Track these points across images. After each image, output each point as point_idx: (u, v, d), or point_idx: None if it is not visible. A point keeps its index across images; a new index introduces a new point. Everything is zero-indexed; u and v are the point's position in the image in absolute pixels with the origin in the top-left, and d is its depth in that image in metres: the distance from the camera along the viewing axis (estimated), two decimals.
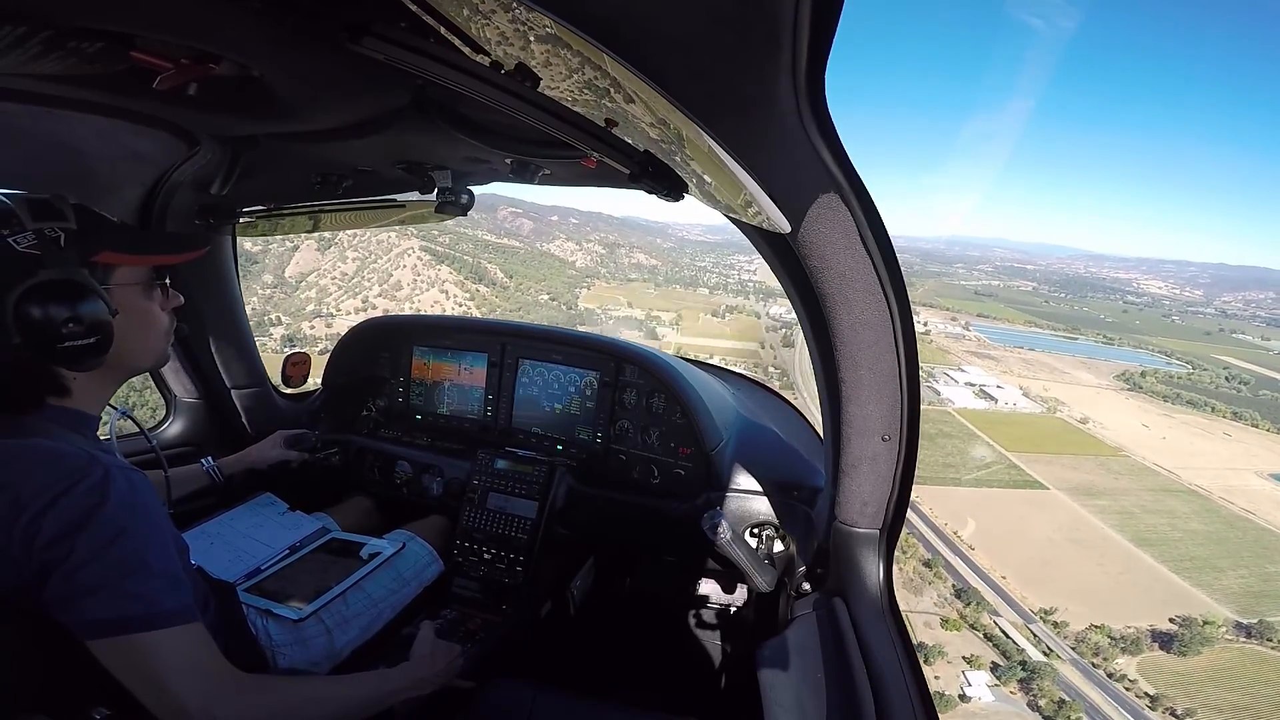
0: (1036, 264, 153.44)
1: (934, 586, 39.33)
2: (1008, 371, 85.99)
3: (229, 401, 2.34)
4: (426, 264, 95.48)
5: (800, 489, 1.89)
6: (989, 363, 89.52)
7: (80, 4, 0.70)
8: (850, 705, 1.12)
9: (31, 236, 0.91)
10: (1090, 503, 52.19)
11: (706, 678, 2.39)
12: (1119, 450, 63.63)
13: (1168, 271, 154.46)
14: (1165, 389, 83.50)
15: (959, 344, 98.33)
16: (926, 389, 70.37)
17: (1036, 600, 39.16)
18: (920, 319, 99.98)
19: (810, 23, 0.61)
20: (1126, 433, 68.15)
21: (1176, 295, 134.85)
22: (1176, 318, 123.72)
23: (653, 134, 0.68)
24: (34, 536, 0.85)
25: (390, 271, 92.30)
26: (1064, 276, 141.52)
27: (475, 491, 2.16)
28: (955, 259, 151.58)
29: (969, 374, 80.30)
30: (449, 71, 0.77)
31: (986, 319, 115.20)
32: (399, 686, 1.25)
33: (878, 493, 1.32)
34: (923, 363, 43.54)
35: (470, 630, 1.86)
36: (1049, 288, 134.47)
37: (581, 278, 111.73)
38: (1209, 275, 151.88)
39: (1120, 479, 57.49)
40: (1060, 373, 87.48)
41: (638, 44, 0.61)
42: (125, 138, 1.38)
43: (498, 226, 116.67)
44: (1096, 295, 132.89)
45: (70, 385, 1.01)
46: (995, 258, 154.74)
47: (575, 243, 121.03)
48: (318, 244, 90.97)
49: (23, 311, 0.89)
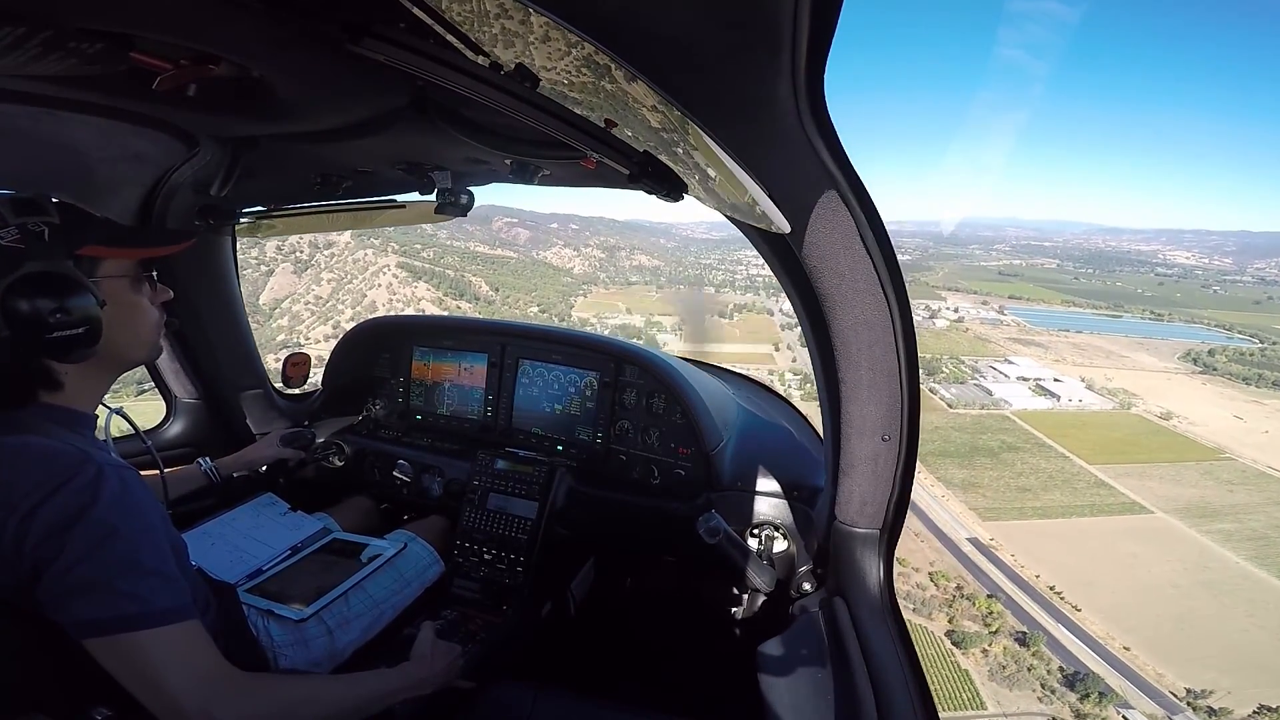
0: (1053, 241, 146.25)
1: (1035, 673, 28.53)
2: (1060, 360, 74.81)
3: (229, 402, 2.34)
4: (403, 281, 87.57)
5: (800, 489, 1.89)
6: (1036, 351, 78.87)
7: (80, 4, 0.70)
8: (851, 705, 1.12)
9: (15, 231, 0.92)
10: (1210, 527, 40.64)
11: (707, 678, 2.39)
12: (1220, 452, 51.95)
13: (1189, 241, 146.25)
14: (1241, 369, 71.81)
15: (998, 331, 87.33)
16: (975, 388, 63.22)
17: (1178, 677, 28.41)
18: (949, 304, 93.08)
19: (810, 24, 0.62)
20: (1220, 427, 56.50)
21: (1206, 265, 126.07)
22: (1217, 288, 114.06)
23: (654, 121, 0.67)
24: (26, 535, 0.85)
25: (364, 292, 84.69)
26: (1085, 252, 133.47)
27: (475, 492, 2.16)
28: (969, 240, 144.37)
29: (1019, 366, 70.32)
30: (449, 72, 0.77)
31: (1020, 301, 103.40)
32: (399, 686, 1.25)
33: (878, 493, 1.32)
34: (963, 355, 37.56)
35: (471, 631, 1.86)
36: (1074, 264, 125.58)
37: (578, 285, 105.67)
38: (1234, 243, 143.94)
39: (1235, 491, 45.79)
40: (1118, 357, 76.91)
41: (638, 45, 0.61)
42: (125, 138, 1.38)
43: (492, 237, 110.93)
44: (1124, 269, 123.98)
45: (62, 380, 1.01)
46: (1010, 237, 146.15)
47: (573, 249, 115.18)
48: (294, 266, 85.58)
49: (9, 304, 0.90)
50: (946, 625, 31.83)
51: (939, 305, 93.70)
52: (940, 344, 78.58)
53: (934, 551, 37.98)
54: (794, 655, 1.39)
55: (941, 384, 64.44)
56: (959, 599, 33.39)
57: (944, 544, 38.50)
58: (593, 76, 0.60)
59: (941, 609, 32.82)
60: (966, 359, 72.09)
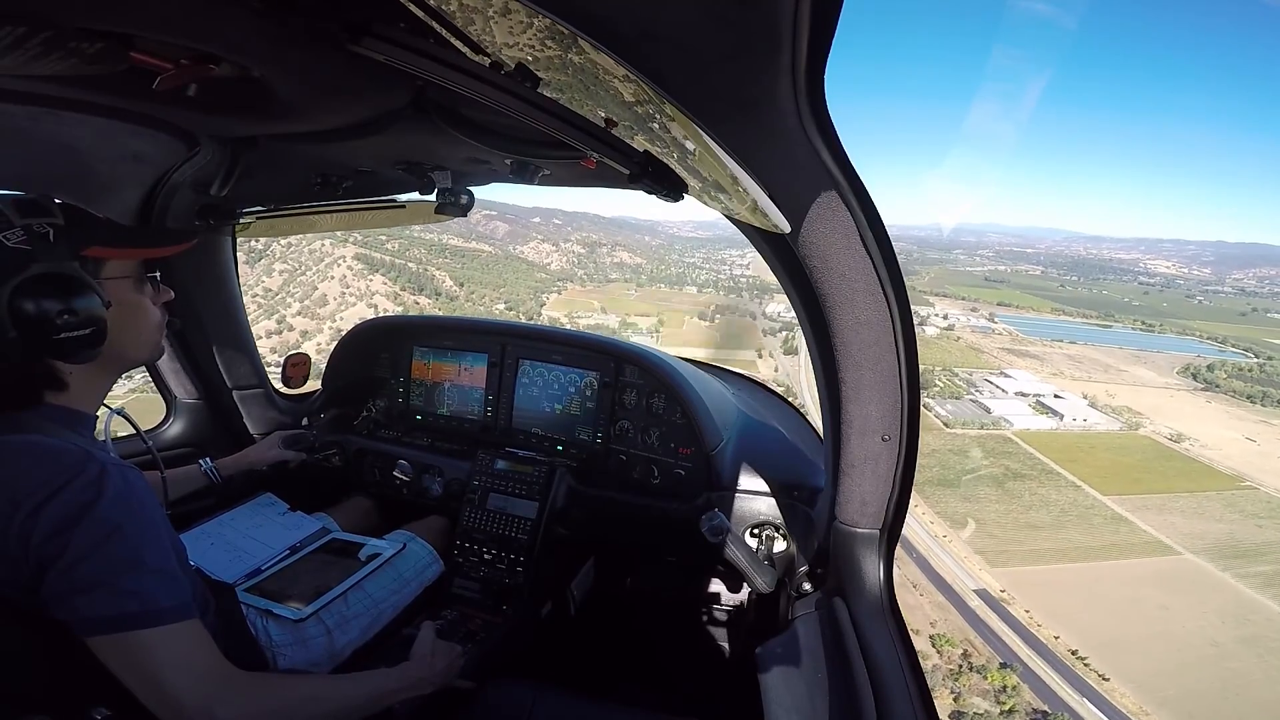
0: (1036, 247, 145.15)
1: None
2: (1058, 374, 71.08)
3: (229, 402, 2.34)
4: (358, 274, 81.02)
5: (800, 489, 1.89)
6: (1031, 363, 75.02)
7: (80, 4, 0.70)
8: (851, 705, 1.12)
9: (20, 233, 0.92)
10: (1245, 570, 35.90)
11: (707, 678, 2.39)
12: (1239, 479, 47.04)
13: (1168, 250, 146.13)
14: (1244, 386, 68.67)
15: (989, 340, 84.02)
16: (971, 404, 58.24)
17: None
18: (937, 310, 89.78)
19: (810, 24, 0.62)
20: (1234, 451, 51.96)
21: (1185, 274, 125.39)
22: (1201, 298, 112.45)
23: (626, 93, 0.66)
24: (30, 533, 0.85)
25: (315, 285, 78.37)
26: (1068, 259, 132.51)
27: (475, 492, 2.16)
28: (952, 245, 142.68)
29: (1017, 380, 65.63)
30: (449, 72, 0.77)
31: (1009, 308, 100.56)
32: (399, 686, 1.25)
33: (878, 493, 1.32)
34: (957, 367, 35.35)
35: (471, 630, 1.86)
36: (1058, 271, 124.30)
37: (553, 281, 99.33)
38: (1211, 253, 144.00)
39: (1265, 527, 40.93)
40: (1116, 371, 73.05)
41: (638, 44, 0.61)
42: (125, 139, 1.39)
43: (470, 230, 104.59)
44: (1108, 277, 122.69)
45: (67, 380, 1.02)
46: (992, 243, 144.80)
47: (552, 244, 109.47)
48: (246, 256, 77.11)
49: (16, 305, 0.90)
50: (951, 704, 26.63)
51: (927, 311, 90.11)
52: (931, 354, 73.65)
53: (936, 608, 32.42)
54: (793, 655, 1.39)
55: (936, 399, 59.07)
56: (966, 671, 28.39)
57: (947, 597, 33.13)
58: (559, 49, 0.59)
59: (945, 683, 27.67)
60: (960, 371, 67.83)
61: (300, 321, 71.08)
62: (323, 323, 71.63)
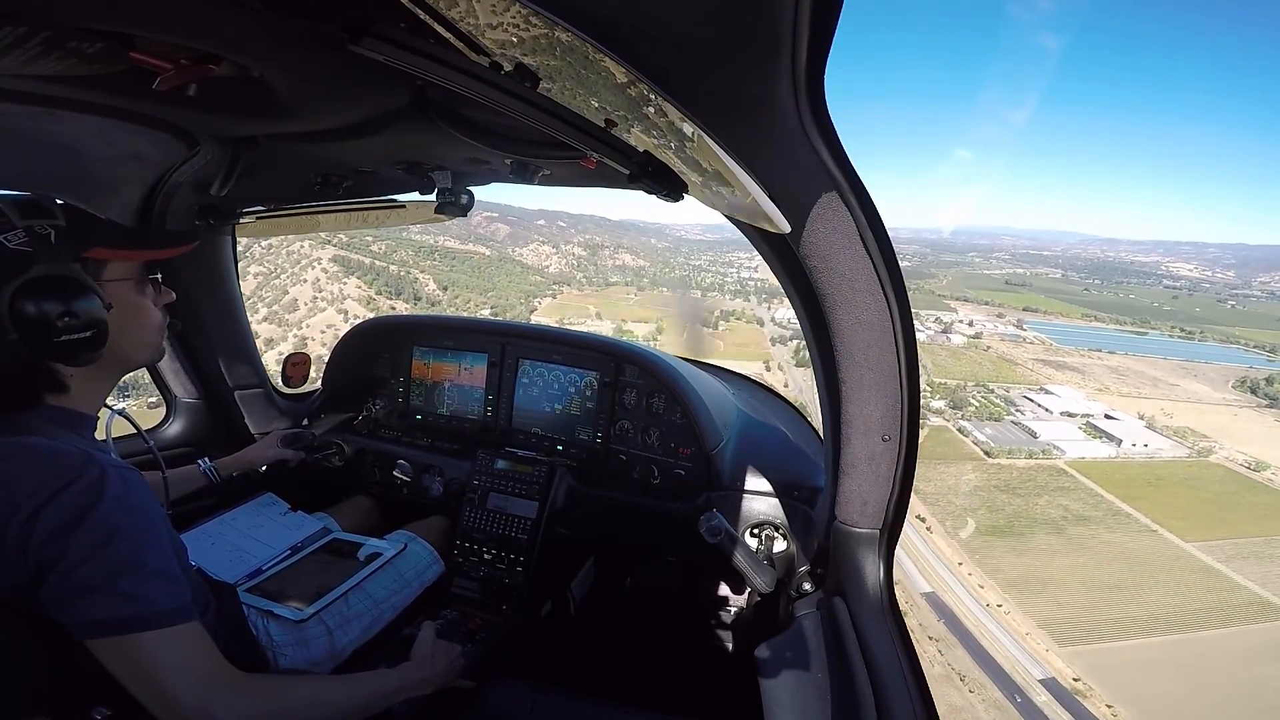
0: (1052, 250, 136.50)
1: None
2: (1104, 389, 59.08)
3: (229, 402, 2.34)
4: (332, 277, 73.14)
5: (800, 489, 1.89)
6: (1071, 376, 62.70)
7: (80, 4, 0.70)
8: (851, 705, 1.12)
9: (22, 234, 0.92)
10: None
11: (706, 678, 2.39)
12: None
13: (1187, 253, 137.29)
14: None
15: (1021, 350, 71.05)
16: (1014, 427, 47.03)
17: None
18: (961, 317, 79.46)
19: (810, 24, 0.62)
20: None
21: (1210, 278, 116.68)
22: (1233, 302, 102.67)
23: (619, 75, 0.65)
24: (29, 536, 0.85)
25: (287, 288, 70.45)
26: (1086, 262, 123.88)
27: (475, 492, 2.16)
28: (966, 248, 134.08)
29: (1061, 398, 53.63)
30: (449, 72, 0.77)
31: (1036, 314, 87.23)
32: (400, 686, 1.25)
33: (878, 493, 1.32)
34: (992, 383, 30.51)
35: (471, 630, 1.86)
36: (1079, 274, 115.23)
37: (548, 284, 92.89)
38: (1233, 255, 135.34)
39: None
40: (1166, 385, 60.72)
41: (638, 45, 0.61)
42: (125, 138, 1.38)
43: (469, 232, 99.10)
44: (1130, 280, 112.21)
45: (68, 382, 1.01)
46: (1006, 246, 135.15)
47: (553, 246, 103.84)
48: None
49: (18, 307, 0.90)
50: None
51: (951, 318, 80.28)
52: (961, 367, 62.29)
53: (991, 708, 23.32)
54: (793, 655, 1.39)
55: (973, 423, 47.93)
56: None
57: (1004, 690, 23.72)
58: (545, 28, 0.57)
59: None
60: (996, 387, 56.31)
61: (266, 329, 64.60)
62: (289, 330, 65.45)
